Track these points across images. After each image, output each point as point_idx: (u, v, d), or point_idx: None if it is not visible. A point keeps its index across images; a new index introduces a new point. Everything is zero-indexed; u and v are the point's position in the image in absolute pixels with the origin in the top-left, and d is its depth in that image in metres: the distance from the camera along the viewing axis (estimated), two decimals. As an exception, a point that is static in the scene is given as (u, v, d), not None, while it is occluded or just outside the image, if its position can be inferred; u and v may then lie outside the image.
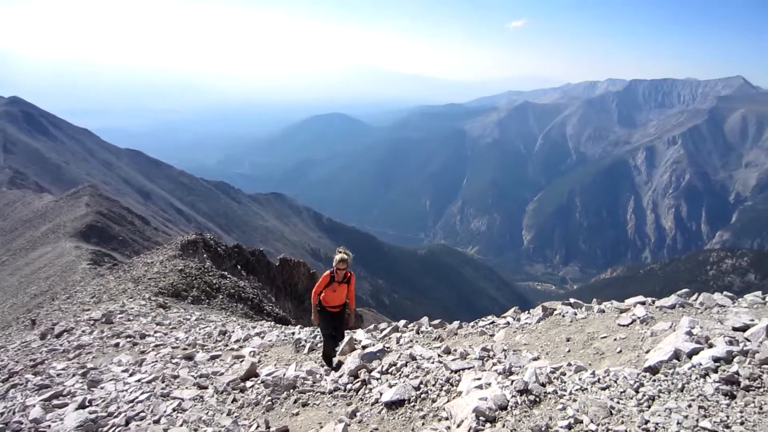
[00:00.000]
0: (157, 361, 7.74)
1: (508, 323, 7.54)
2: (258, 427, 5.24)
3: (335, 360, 7.29)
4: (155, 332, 10.16)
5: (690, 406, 3.69)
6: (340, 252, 7.09)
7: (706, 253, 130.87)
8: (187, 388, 6.35)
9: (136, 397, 5.93)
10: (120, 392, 6.20)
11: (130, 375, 7.00)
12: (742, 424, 3.40)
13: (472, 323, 8.02)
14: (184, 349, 8.62)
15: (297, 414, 5.55)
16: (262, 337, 9.11)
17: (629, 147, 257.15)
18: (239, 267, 22.71)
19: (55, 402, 5.96)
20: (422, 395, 5.20)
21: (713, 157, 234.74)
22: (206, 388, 6.33)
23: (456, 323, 8.08)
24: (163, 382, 6.59)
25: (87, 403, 5.84)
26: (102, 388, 6.46)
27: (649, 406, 3.84)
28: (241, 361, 7.36)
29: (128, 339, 9.46)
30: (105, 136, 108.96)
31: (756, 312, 5.66)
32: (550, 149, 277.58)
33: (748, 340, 4.55)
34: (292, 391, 5.98)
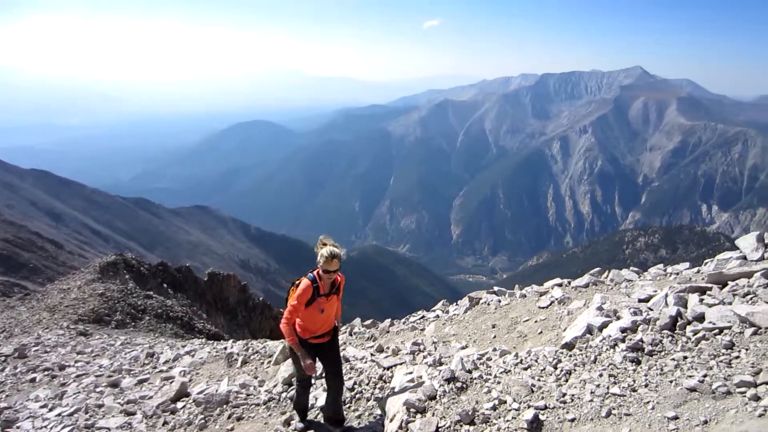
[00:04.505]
0: (79, 392, 7.28)
1: (438, 316, 7.78)
2: (191, 447, 5.14)
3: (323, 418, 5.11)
4: (76, 362, 9.58)
5: (601, 375, 3.98)
6: (327, 244, 4.68)
7: (622, 234, 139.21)
8: (113, 416, 6.03)
9: (57, 432, 5.59)
10: (39, 429, 5.79)
11: (50, 410, 6.52)
12: (646, 386, 3.71)
13: (403, 319, 8.20)
14: (109, 376, 8.20)
15: (232, 429, 5.46)
16: (193, 356, 8.83)
17: (545, 138, 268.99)
18: (165, 285, 21.86)
19: (-34, 448, 5.54)
20: (357, 395, 5.30)
21: (621, 143, 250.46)
22: (134, 413, 6.05)
23: (387, 321, 8.23)
24: (86, 413, 6.20)
25: None
26: (18, 427, 6.01)
27: (567, 380, 4.11)
28: (171, 382, 7.04)
29: (46, 372, 8.87)
30: (5, 157, 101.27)
31: (659, 283, 6.14)
32: (471, 144, 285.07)
33: (651, 309, 4.94)
34: (225, 406, 5.85)
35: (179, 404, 6.20)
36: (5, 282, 25.16)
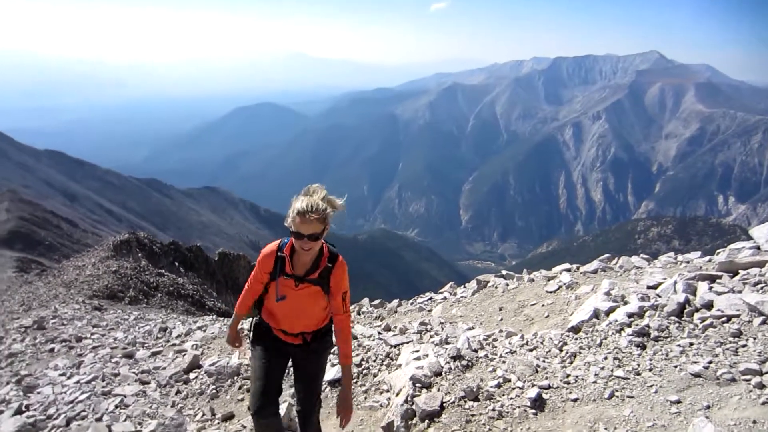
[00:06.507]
0: (95, 362, 7.54)
1: (445, 298, 7.85)
2: (204, 415, 5.30)
3: None
4: (92, 334, 9.86)
5: (606, 358, 4.03)
6: (309, 194, 3.05)
7: (634, 223, 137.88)
8: (128, 384, 6.28)
9: (76, 398, 5.81)
10: (58, 395, 6.06)
11: (68, 378, 6.81)
12: (650, 370, 3.75)
13: (411, 300, 8.29)
14: (124, 348, 8.43)
15: (242, 399, 5.61)
16: (204, 331, 9.01)
17: (557, 124, 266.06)
18: (177, 264, 22.21)
19: (-11, 411, 5.77)
20: (364, 371, 5.39)
21: (636, 130, 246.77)
22: (148, 383, 6.29)
23: (395, 302, 8.32)
24: (103, 380, 6.47)
25: (24, 409, 5.68)
26: (39, 392, 6.28)
27: (571, 362, 4.16)
28: (184, 355, 7.23)
29: (63, 343, 9.15)
30: (17, 138, 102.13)
31: (668, 271, 6.14)
32: (481, 129, 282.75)
33: (659, 296, 4.96)
34: (236, 378, 6.01)
35: (192, 375, 6.39)
36: (23, 258, 25.66)
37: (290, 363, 3.57)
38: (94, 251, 20.29)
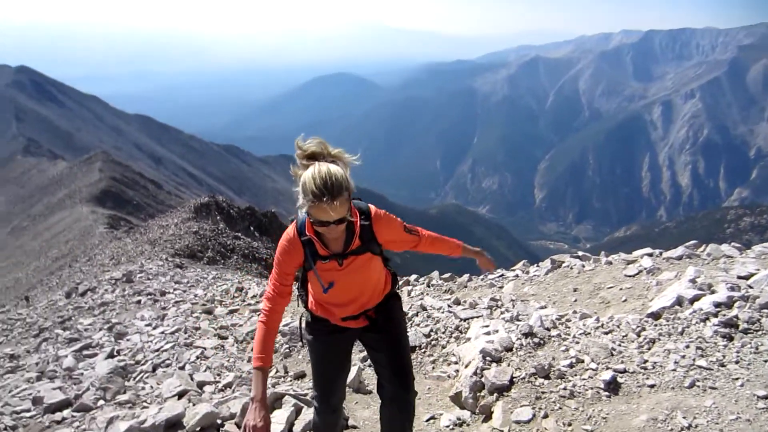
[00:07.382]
0: (178, 316, 8.13)
1: (517, 275, 7.71)
2: (277, 372, 5.57)
3: None
4: (174, 290, 10.59)
5: (688, 347, 3.85)
6: (316, 159, 2.50)
7: (724, 211, 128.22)
8: (208, 338, 6.73)
9: (161, 347, 6.33)
10: (145, 343, 6.62)
11: (154, 328, 7.41)
12: (737, 362, 3.56)
13: (481, 276, 8.20)
14: (203, 304, 9.00)
15: (313, 359, 5.87)
16: (278, 293, 9.38)
17: (645, 102, 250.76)
18: (252, 228, 23.11)
19: (85, 352, 6.42)
20: (432, 342, 5.44)
21: (733, 111, 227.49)
22: (226, 338, 6.71)
23: (466, 276, 8.26)
24: (185, 333, 6.98)
25: (115, 353, 6.27)
26: (128, 340, 6.88)
27: (650, 348, 4.00)
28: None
29: (149, 296, 9.88)
30: (111, 103, 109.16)
31: (763, 262, 5.74)
32: (562, 105, 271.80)
33: (751, 287, 4.66)
34: (307, 339, 6.27)
35: (267, 334, 6.69)
36: (113, 216, 27.60)
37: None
38: (176, 212, 21.55)
